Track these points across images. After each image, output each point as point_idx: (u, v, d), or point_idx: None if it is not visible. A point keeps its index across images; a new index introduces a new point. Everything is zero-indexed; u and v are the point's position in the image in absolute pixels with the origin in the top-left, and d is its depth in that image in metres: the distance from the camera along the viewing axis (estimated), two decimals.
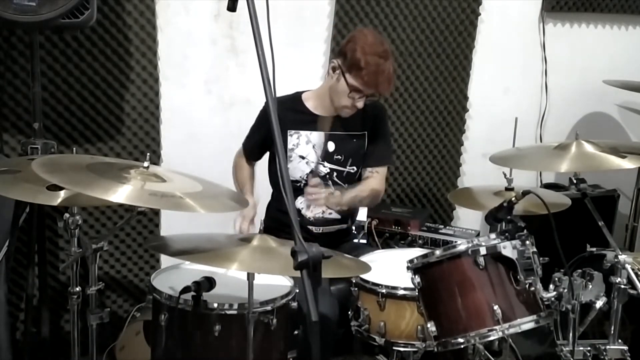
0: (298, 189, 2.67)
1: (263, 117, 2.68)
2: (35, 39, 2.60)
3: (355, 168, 2.72)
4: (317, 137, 2.69)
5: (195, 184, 1.98)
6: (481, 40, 3.53)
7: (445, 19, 3.41)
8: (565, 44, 3.71)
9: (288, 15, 3.19)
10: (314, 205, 2.66)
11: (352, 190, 2.68)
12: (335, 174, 2.70)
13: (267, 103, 1.48)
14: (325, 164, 2.69)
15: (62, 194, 2.03)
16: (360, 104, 2.57)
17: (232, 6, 1.64)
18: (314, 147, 2.68)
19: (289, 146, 2.66)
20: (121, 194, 1.74)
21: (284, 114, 1.48)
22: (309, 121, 2.68)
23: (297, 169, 2.67)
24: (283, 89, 2.66)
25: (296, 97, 2.72)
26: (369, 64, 2.48)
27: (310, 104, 2.71)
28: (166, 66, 3.12)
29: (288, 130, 2.65)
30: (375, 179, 2.75)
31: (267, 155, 2.76)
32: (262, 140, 2.71)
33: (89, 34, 2.92)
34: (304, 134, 2.67)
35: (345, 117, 2.66)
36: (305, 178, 2.68)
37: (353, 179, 2.73)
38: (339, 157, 2.70)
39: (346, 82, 2.53)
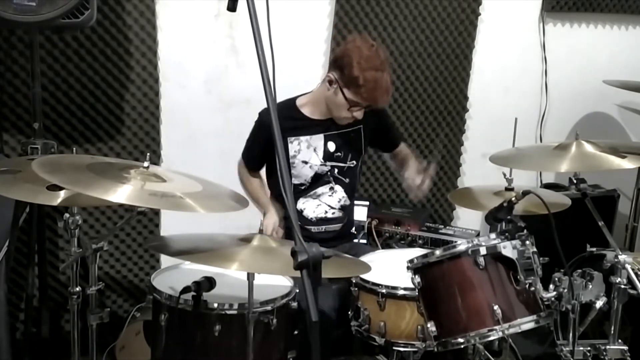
0: (301, 191, 2.68)
1: (258, 128, 2.67)
2: (35, 39, 2.60)
3: (355, 162, 2.75)
4: (317, 140, 2.69)
5: (195, 184, 1.98)
6: (481, 40, 3.53)
7: (445, 19, 3.41)
8: (565, 44, 3.71)
9: (288, 15, 3.18)
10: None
11: (414, 162, 2.83)
12: (336, 170, 2.72)
13: (266, 103, 1.47)
14: (327, 163, 2.70)
15: (62, 194, 2.03)
16: (359, 115, 2.58)
17: (232, 6, 1.64)
18: (315, 150, 2.69)
19: (291, 153, 2.66)
20: (121, 194, 1.74)
21: (282, 122, 1.47)
22: (306, 126, 2.69)
23: (301, 173, 2.68)
24: (283, 89, 2.63)
25: (291, 104, 2.71)
26: (367, 80, 2.46)
27: (306, 109, 2.70)
28: (166, 66, 3.12)
29: (288, 138, 2.64)
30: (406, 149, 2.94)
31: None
32: (261, 151, 2.70)
33: (89, 34, 2.93)
34: (304, 139, 2.68)
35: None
36: (309, 181, 2.69)
37: (352, 172, 2.76)
38: (339, 154, 2.72)
39: (344, 97, 2.52)
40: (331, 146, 2.70)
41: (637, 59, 3.80)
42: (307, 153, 2.68)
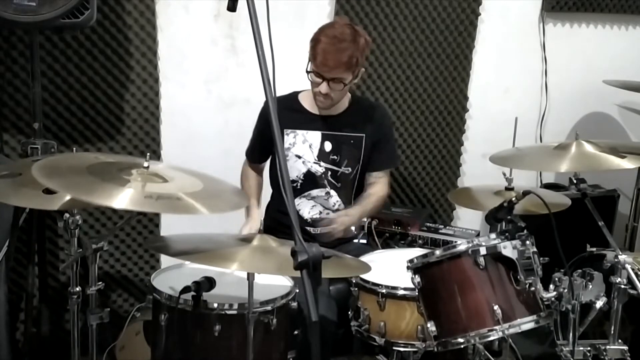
0: (294, 188, 2.68)
1: (262, 118, 2.69)
2: (35, 39, 2.60)
3: (350, 169, 2.72)
4: (313, 136, 2.69)
5: (196, 181, 1.96)
6: (481, 40, 3.52)
7: (445, 19, 3.41)
8: (565, 44, 3.71)
9: (288, 15, 3.18)
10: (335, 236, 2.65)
11: (360, 206, 2.71)
12: (330, 173, 2.71)
13: (267, 103, 1.48)
14: (321, 163, 2.70)
15: (61, 197, 2.02)
16: (323, 89, 2.55)
17: (232, 6, 1.64)
18: (310, 146, 2.69)
19: (286, 145, 2.66)
20: (122, 199, 1.71)
21: (281, 113, 1.48)
22: (305, 120, 2.69)
23: (294, 168, 2.68)
24: (283, 89, 2.66)
25: (293, 97, 2.73)
26: (323, 44, 2.50)
27: (307, 103, 2.71)
28: (166, 66, 3.12)
29: (285, 130, 2.65)
30: (380, 184, 2.78)
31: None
32: (262, 141, 2.71)
33: (89, 34, 2.93)
34: (300, 133, 2.68)
35: (345, 118, 2.67)
36: (302, 178, 2.68)
37: (346, 179, 2.73)
38: (335, 157, 2.70)
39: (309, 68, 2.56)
40: (327, 146, 2.70)
41: (637, 59, 3.80)
42: (302, 148, 2.68)
